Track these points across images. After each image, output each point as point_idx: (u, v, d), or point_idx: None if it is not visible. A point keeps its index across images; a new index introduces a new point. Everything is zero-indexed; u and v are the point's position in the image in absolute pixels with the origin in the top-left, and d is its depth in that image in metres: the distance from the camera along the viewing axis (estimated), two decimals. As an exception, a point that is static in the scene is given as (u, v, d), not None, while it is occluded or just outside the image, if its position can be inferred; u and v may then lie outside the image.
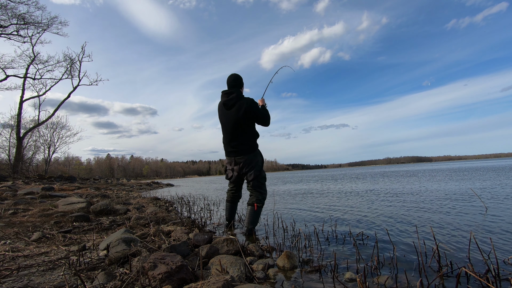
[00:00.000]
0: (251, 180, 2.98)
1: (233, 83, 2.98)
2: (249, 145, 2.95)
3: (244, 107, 2.84)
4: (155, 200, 7.32)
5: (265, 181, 3.05)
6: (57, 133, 27.59)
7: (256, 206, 2.92)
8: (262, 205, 2.98)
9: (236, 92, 2.92)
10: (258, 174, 2.97)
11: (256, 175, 2.95)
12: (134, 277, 1.55)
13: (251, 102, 2.89)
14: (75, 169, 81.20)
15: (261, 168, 3.01)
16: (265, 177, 3.05)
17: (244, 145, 2.94)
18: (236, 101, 2.89)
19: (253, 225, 2.95)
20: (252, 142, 2.98)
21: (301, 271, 1.80)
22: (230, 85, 2.99)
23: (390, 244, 2.31)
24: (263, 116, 2.93)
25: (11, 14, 17.86)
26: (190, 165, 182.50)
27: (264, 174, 3.04)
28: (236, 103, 2.88)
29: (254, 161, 2.97)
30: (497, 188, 6.03)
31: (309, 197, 6.58)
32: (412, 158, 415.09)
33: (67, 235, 2.82)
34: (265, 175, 3.05)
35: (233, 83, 2.98)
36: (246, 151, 2.95)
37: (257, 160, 3.00)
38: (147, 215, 3.99)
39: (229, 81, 3.00)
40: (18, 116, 20.36)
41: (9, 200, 5.90)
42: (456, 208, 3.94)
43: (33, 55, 20.49)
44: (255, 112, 2.88)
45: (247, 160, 2.95)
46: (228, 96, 2.94)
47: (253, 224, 2.95)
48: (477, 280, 1.52)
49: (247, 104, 2.85)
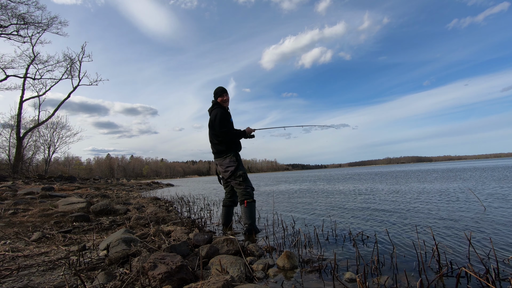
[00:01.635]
0: (228, 180, 3.21)
1: (213, 95, 3.39)
2: (221, 148, 3.21)
3: (211, 118, 3.22)
4: (155, 200, 7.32)
5: (244, 178, 3.14)
6: (57, 133, 27.56)
7: (246, 203, 3.04)
8: (252, 199, 3.09)
9: (212, 103, 3.35)
10: (233, 173, 3.14)
11: (231, 173, 3.14)
12: (134, 277, 1.55)
13: (216, 114, 3.16)
14: (75, 169, 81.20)
15: (236, 167, 3.14)
16: (243, 174, 3.14)
17: (218, 148, 3.23)
18: (212, 109, 3.30)
19: (250, 221, 3.00)
20: (224, 145, 3.20)
21: (301, 271, 1.80)
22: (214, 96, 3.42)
23: (390, 244, 2.32)
24: (220, 131, 3.11)
25: (11, 14, 17.87)
26: (190, 165, 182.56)
27: (241, 172, 3.15)
28: (211, 113, 3.29)
29: (226, 162, 3.18)
30: (496, 188, 6.03)
31: (309, 197, 6.58)
32: (412, 158, 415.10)
33: (67, 235, 2.82)
34: (242, 173, 3.15)
35: (213, 96, 3.39)
36: (220, 153, 3.23)
37: (229, 161, 3.17)
38: (147, 215, 3.99)
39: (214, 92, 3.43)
40: (18, 116, 20.36)
41: (9, 200, 5.90)
42: (456, 208, 3.94)
43: (33, 55, 20.49)
44: (215, 123, 3.14)
45: (221, 162, 3.22)
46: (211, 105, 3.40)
47: (250, 219, 3.00)
48: (477, 280, 1.52)
49: (213, 115, 3.20)
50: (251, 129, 3.39)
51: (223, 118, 3.13)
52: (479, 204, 4.12)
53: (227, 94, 3.33)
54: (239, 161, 3.23)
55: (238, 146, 3.33)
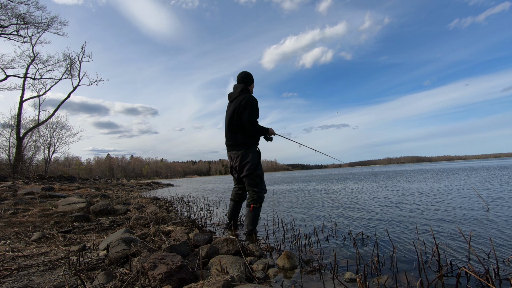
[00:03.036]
0: (244, 178, 2.92)
1: (242, 79, 2.98)
2: (243, 141, 2.86)
3: (240, 101, 2.82)
4: (155, 200, 7.32)
5: (261, 179, 2.93)
6: (57, 133, 27.57)
7: (252, 207, 2.86)
8: (259, 205, 2.90)
9: (241, 87, 2.93)
10: (252, 172, 2.85)
11: (249, 172, 2.85)
12: (134, 277, 1.55)
13: (248, 98, 2.79)
14: (75, 169, 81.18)
15: (256, 166, 2.87)
16: (261, 175, 2.93)
17: (238, 140, 2.88)
18: (239, 94, 2.90)
19: (252, 226, 2.89)
20: (247, 138, 2.87)
21: (301, 271, 1.80)
22: (239, 80, 3.00)
23: (390, 244, 2.32)
24: (249, 119, 2.78)
25: (11, 14, 17.87)
26: (190, 165, 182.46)
27: (260, 172, 2.92)
28: (238, 97, 2.90)
29: (247, 158, 2.85)
30: (498, 187, 6.03)
31: (309, 197, 6.58)
32: (412, 158, 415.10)
33: (67, 235, 2.82)
34: (260, 173, 2.92)
35: (242, 80, 2.98)
36: (240, 146, 2.88)
37: (251, 157, 2.86)
38: (147, 215, 3.99)
39: (238, 77, 3.02)
40: (18, 116, 20.36)
41: (9, 200, 5.90)
42: (456, 207, 3.94)
43: (33, 55, 20.50)
44: (245, 109, 2.77)
45: (240, 156, 2.88)
46: (235, 89, 2.98)
47: (252, 225, 2.89)
48: (477, 280, 1.52)
49: (244, 100, 2.80)
50: (273, 131, 3.06)
51: (256, 107, 2.81)
52: (481, 204, 4.12)
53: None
54: (260, 158, 2.93)
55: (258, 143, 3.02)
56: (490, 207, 3.79)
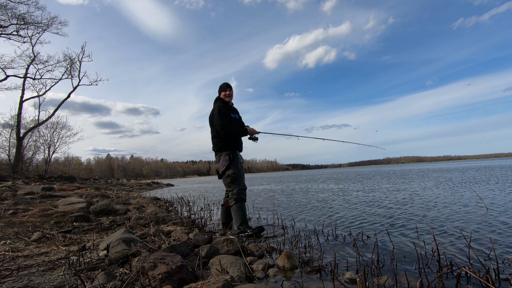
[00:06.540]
0: (220, 179, 3.19)
1: (218, 91, 3.36)
2: (215, 147, 3.19)
3: (212, 111, 3.19)
4: (155, 200, 7.32)
5: (233, 179, 3.07)
6: (57, 133, 27.57)
7: (227, 206, 3.13)
8: (236, 201, 3.00)
9: (216, 98, 3.32)
10: (223, 174, 3.13)
11: (221, 174, 3.14)
12: (134, 277, 1.55)
13: (215, 107, 3.13)
14: (75, 169, 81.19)
15: (227, 167, 3.08)
16: (232, 175, 3.07)
17: (215, 146, 3.20)
18: (213, 104, 3.27)
19: (239, 223, 2.93)
20: (218, 143, 3.15)
21: (301, 271, 1.79)
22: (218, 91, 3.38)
23: (390, 244, 2.31)
24: (220, 125, 3.03)
25: (11, 14, 17.88)
26: (190, 165, 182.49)
27: (231, 172, 3.07)
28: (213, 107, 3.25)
29: (219, 161, 3.14)
30: (498, 187, 6.03)
31: (309, 197, 6.58)
32: (412, 158, 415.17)
33: (67, 235, 2.82)
34: (231, 173, 3.06)
35: (218, 91, 3.36)
36: (216, 151, 3.20)
37: (222, 159, 3.11)
38: (147, 215, 3.99)
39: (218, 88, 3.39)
40: (18, 116, 20.37)
41: (9, 200, 5.90)
42: (456, 208, 3.94)
43: (33, 55, 20.50)
44: (215, 117, 3.08)
45: (216, 160, 3.21)
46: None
47: (238, 222, 2.94)
48: (477, 280, 1.52)
49: (213, 109, 3.18)
50: (255, 130, 3.26)
51: (221, 111, 3.04)
52: (480, 204, 4.12)
53: (231, 89, 3.24)
54: (231, 160, 3.10)
55: (237, 145, 3.21)
56: (489, 208, 3.79)
